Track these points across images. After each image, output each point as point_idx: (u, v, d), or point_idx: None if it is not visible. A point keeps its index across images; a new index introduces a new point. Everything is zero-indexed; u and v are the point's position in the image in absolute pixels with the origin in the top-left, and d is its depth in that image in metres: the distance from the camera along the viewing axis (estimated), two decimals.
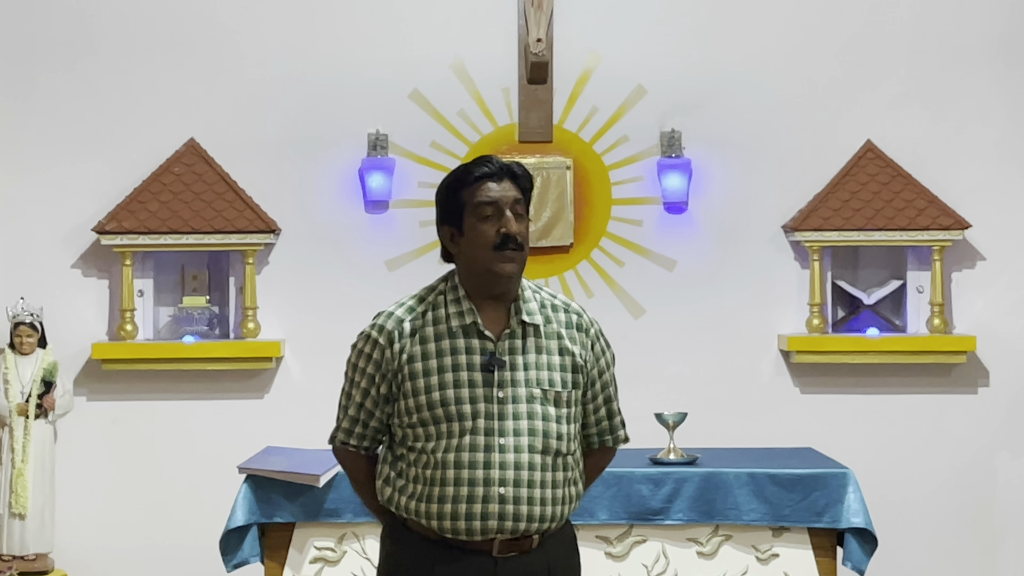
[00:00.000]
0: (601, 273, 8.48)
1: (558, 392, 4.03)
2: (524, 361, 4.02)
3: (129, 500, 8.39)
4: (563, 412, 4.04)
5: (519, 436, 3.97)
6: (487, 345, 4.01)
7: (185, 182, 8.30)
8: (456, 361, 4.00)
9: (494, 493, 3.94)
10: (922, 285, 8.42)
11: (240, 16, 8.46)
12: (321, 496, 6.55)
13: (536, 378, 4.01)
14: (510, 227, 3.96)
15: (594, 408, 4.18)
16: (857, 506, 6.53)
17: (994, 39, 8.49)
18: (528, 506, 3.97)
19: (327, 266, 8.46)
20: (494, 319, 4.04)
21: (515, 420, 3.98)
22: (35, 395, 8.03)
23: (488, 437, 3.96)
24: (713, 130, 8.47)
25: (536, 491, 3.97)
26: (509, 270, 3.99)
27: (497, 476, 3.95)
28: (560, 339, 4.07)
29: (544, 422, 4.00)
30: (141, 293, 8.35)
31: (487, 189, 3.99)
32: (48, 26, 8.40)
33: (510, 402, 3.98)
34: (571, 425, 4.06)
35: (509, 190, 4.00)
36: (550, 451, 4.00)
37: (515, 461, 3.96)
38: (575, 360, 4.07)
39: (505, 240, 3.96)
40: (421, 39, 8.45)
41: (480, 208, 3.98)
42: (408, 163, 8.43)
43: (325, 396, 5.65)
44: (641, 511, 6.58)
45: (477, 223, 3.99)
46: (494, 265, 3.98)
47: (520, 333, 4.04)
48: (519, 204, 4.00)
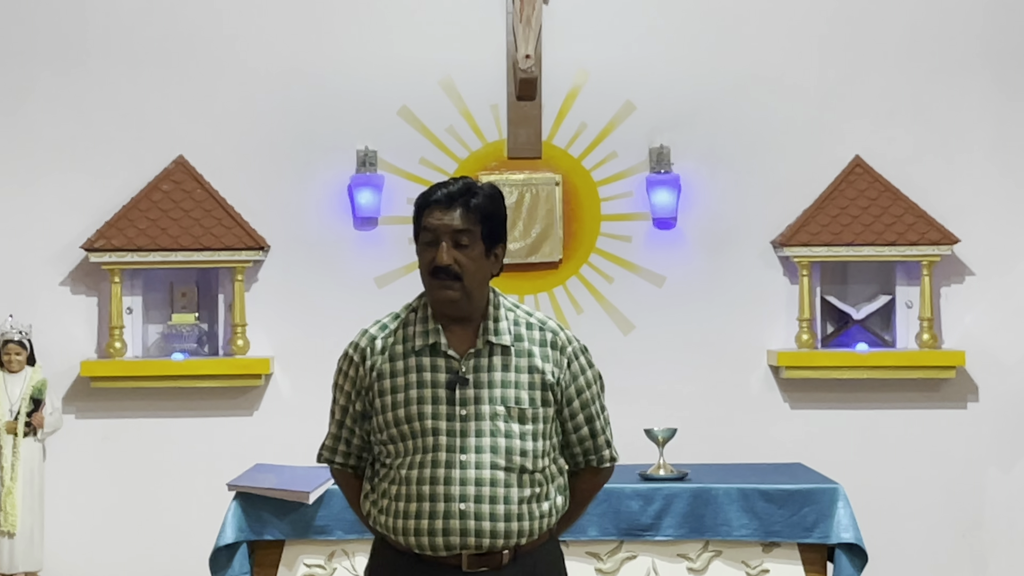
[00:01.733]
0: (590, 289, 8.48)
1: (523, 409, 4.04)
2: (489, 379, 4.04)
3: (119, 518, 8.38)
4: (528, 428, 4.04)
5: (481, 452, 3.99)
6: (452, 364, 4.04)
7: (174, 199, 8.30)
8: (421, 379, 4.03)
9: (455, 509, 3.96)
10: (911, 300, 8.43)
11: (228, 34, 8.47)
12: (311, 513, 6.55)
13: (501, 396, 4.03)
14: (440, 258, 3.99)
15: (575, 426, 4.17)
16: (847, 521, 6.54)
17: (982, 55, 8.52)
18: (491, 522, 3.98)
19: (316, 283, 8.46)
20: (461, 337, 4.07)
21: (477, 437, 4.00)
22: (24, 413, 8.01)
23: (450, 453, 3.99)
24: (702, 146, 8.49)
25: (499, 507, 3.98)
26: (444, 296, 4.02)
27: (458, 492, 3.97)
28: (531, 357, 4.08)
29: (507, 439, 4.01)
30: (130, 310, 8.35)
31: (432, 216, 4.02)
32: (36, 44, 8.40)
33: (473, 419, 4.00)
34: (540, 442, 4.06)
35: (454, 220, 4.00)
36: (514, 467, 4.01)
37: (476, 477, 3.98)
38: (545, 378, 4.07)
39: (436, 270, 4.00)
40: (410, 55, 8.46)
41: (424, 234, 4.04)
42: (397, 179, 8.43)
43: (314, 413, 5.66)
44: (631, 527, 6.58)
45: (421, 247, 4.06)
46: (431, 291, 4.05)
47: (487, 352, 4.06)
48: (463, 234, 4.01)
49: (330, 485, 6.44)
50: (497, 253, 4.09)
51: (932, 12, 8.52)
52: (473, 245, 4.02)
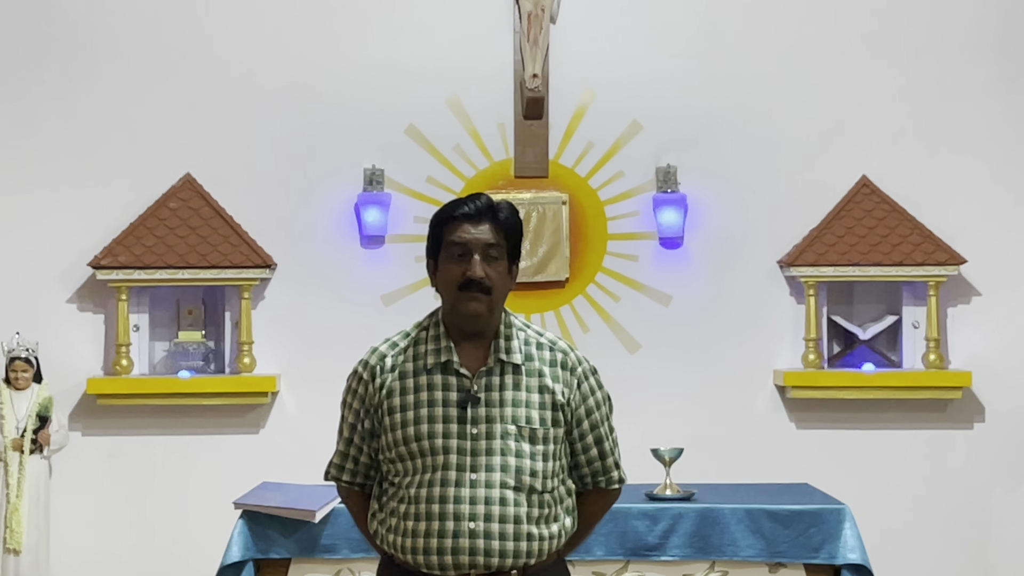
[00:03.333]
0: (597, 308, 8.48)
1: (534, 429, 4.03)
2: (500, 398, 4.03)
3: (124, 535, 8.37)
4: (539, 449, 4.03)
5: (491, 472, 3.98)
6: (463, 382, 4.03)
7: (181, 217, 8.31)
8: (432, 397, 4.02)
9: (464, 528, 3.95)
10: (918, 320, 8.43)
11: (236, 52, 8.48)
12: (317, 532, 6.54)
13: (512, 415, 4.02)
14: (474, 271, 3.99)
15: (583, 448, 4.17)
16: (854, 542, 6.52)
17: (988, 75, 8.52)
18: (500, 541, 3.97)
19: (323, 301, 8.46)
20: (473, 356, 4.07)
21: (488, 456, 3.99)
22: (30, 430, 8.01)
23: (460, 472, 3.98)
24: (709, 165, 8.49)
25: (509, 526, 3.98)
26: (473, 309, 4.02)
27: (468, 511, 3.96)
28: (541, 377, 4.08)
29: (518, 458, 4.00)
30: (137, 328, 8.35)
31: (461, 230, 4.03)
32: (43, 61, 8.42)
33: (484, 438, 4.00)
34: (550, 462, 4.06)
35: (484, 233, 4.02)
36: (523, 487, 4.00)
37: (486, 496, 3.97)
38: (555, 398, 4.07)
39: (468, 283, 4.00)
40: (417, 75, 8.47)
41: (451, 247, 4.03)
42: (404, 198, 8.44)
43: (320, 431, 5.66)
44: (637, 547, 6.56)
45: (447, 261, 4.04)
46: (459, 304, 4.03)
47: (498, 371, 4.06)
48: (493, 248, 4.03)
49: (336, 503, 6.43)
50: (514, 270, 4.13)
51: (938, 32, 8.53)
52: (501, 259, 4.05)
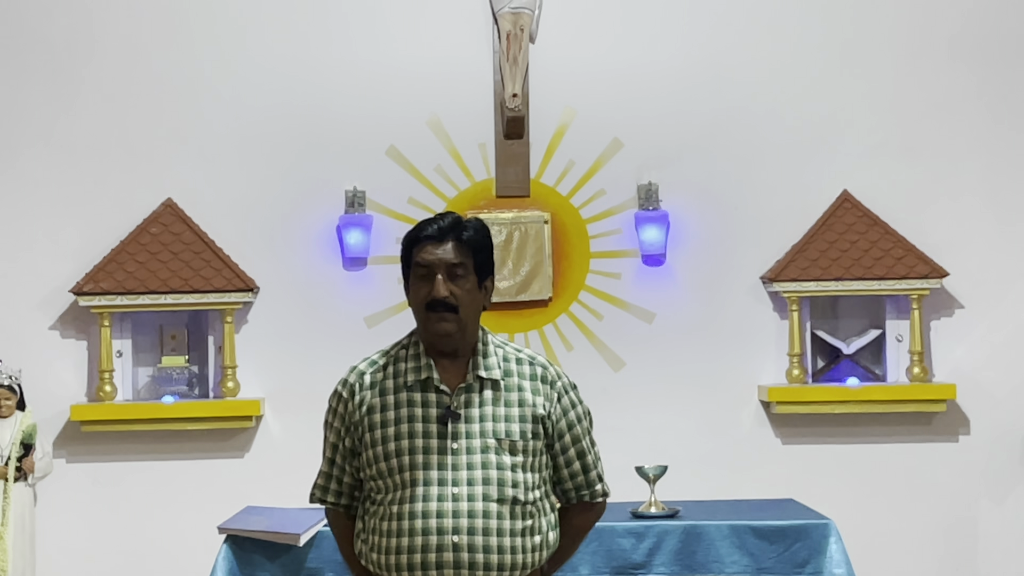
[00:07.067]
0: (580, 326, 8.48)
1: (514, 441, 4.06)
2: (480, 413, 4.07)
3: (110, 562, 8.35)
4: (519, 460, 4.06)
5: (473, 485, 4.00)
6: (443, 399, 4.07)
7: (163, 242, 8.30)
8: (412, 414, 4.06)
9: (448, 541, 3.97)
10: (901, 334, 8.44)
11: (215, 76, 8.48)
12: (302, 555, 6.52)
13: (492, 429, 4.06)
14: (437, 291, 4.04)
15: (565, 461, 4.19)
16: (839, 557, 6.51)
17: (971, 89, 8.54)
18: (484, 554, 3.98)
19: (306, 324, 8.45)
20: (452, 373, 4.11)
21: (469, 470, 4.02)
22: (14, 458, 7.98)
23: (441, 487, 4.00)
24: (690, 182, 8.50)
25: (492, 539, 3.99)
26: (442, 329, 4.07)
27: (451, 524, 3.98)
28: (521, 391, 4.12)
29: (499, 471, 4.03)
30: (120, 354, 8.33)
31: (424, 251, 4.08)
32: (24, 87, 8.41)
33: (464, 453, 4.03)
34: (531, 474, 4.08)
35: (447, 253, 4.07)
36: (506, 499, 4.02)
37: (469, 509, 3.99)
38: (535, 411, 4.10)
39: (434, 303, 4.05)
40: (397, 95, 8.47)
41: (418, 269, 4.10)
42: (386, 219, 8.44)
43: (305, 454, 5.66)
44: (623, 565, 6.55)
45: (415, 282, 4.11)
46: (428, 324, 4.09)
47: (478, 387, 4.10)
48: (458, 267, 4.07)
49: (321, 527, 6.43)
50: (487, 285, 4.16)
51: (922, 46, 8.54)
52: (467, 277, 4.09)
